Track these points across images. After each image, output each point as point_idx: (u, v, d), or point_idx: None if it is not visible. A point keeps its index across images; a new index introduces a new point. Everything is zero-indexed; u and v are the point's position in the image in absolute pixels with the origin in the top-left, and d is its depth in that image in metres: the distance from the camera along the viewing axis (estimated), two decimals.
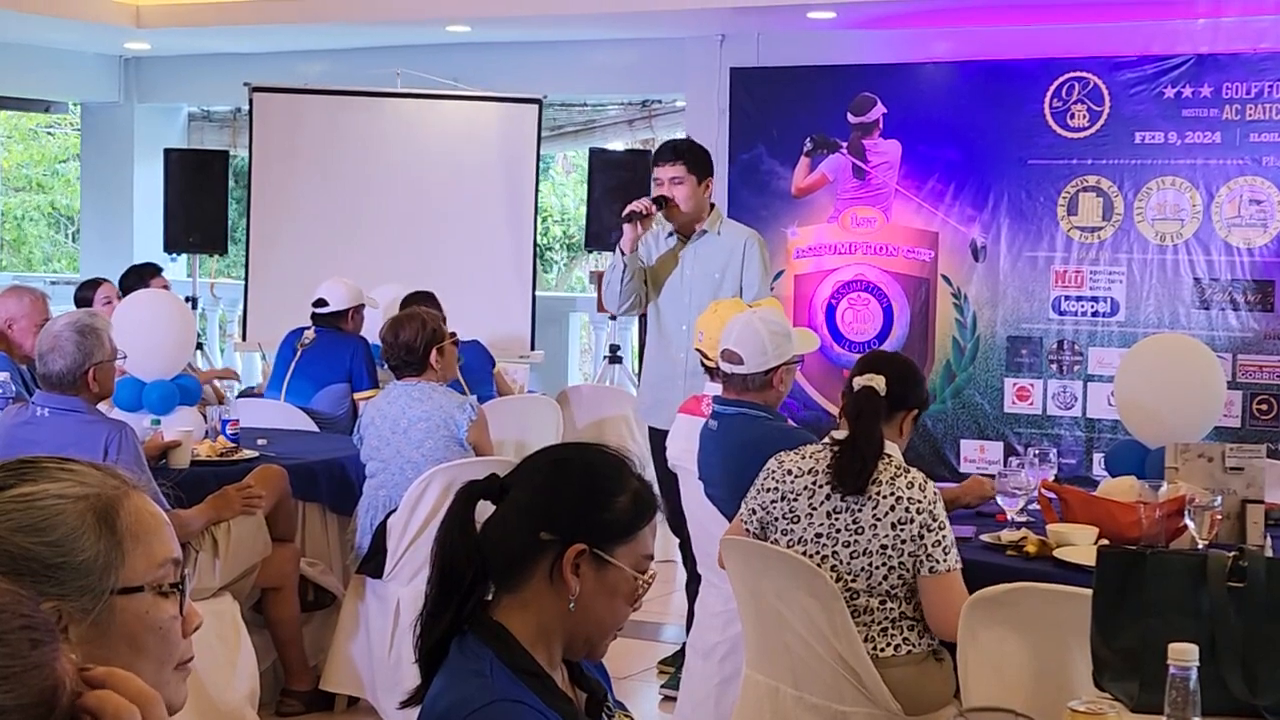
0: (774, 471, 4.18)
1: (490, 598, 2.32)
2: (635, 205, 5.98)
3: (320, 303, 7.47)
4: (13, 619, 1.34)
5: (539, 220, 10.91)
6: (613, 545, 2.30)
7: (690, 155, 6.05)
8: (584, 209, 10.30)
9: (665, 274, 6.11)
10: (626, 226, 5.99)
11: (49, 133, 18.78)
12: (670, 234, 6.11)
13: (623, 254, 6.01)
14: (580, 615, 2.28)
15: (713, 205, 6.20)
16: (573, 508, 2.30)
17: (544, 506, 2.30)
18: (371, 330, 7.62)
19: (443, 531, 2.33)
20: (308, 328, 7.47)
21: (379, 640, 5.54)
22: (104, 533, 1.73)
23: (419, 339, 5.78)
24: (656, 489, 2.45)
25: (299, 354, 7.34)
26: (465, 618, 2.27)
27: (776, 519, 4.14)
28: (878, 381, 4.11)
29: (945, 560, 3.96)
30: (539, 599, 2.27)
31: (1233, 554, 2.85)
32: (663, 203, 5.99)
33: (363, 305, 7.59)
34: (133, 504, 1.78)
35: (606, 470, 2.36)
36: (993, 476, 4.90)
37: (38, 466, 1.77)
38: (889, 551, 3.98)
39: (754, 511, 4.21)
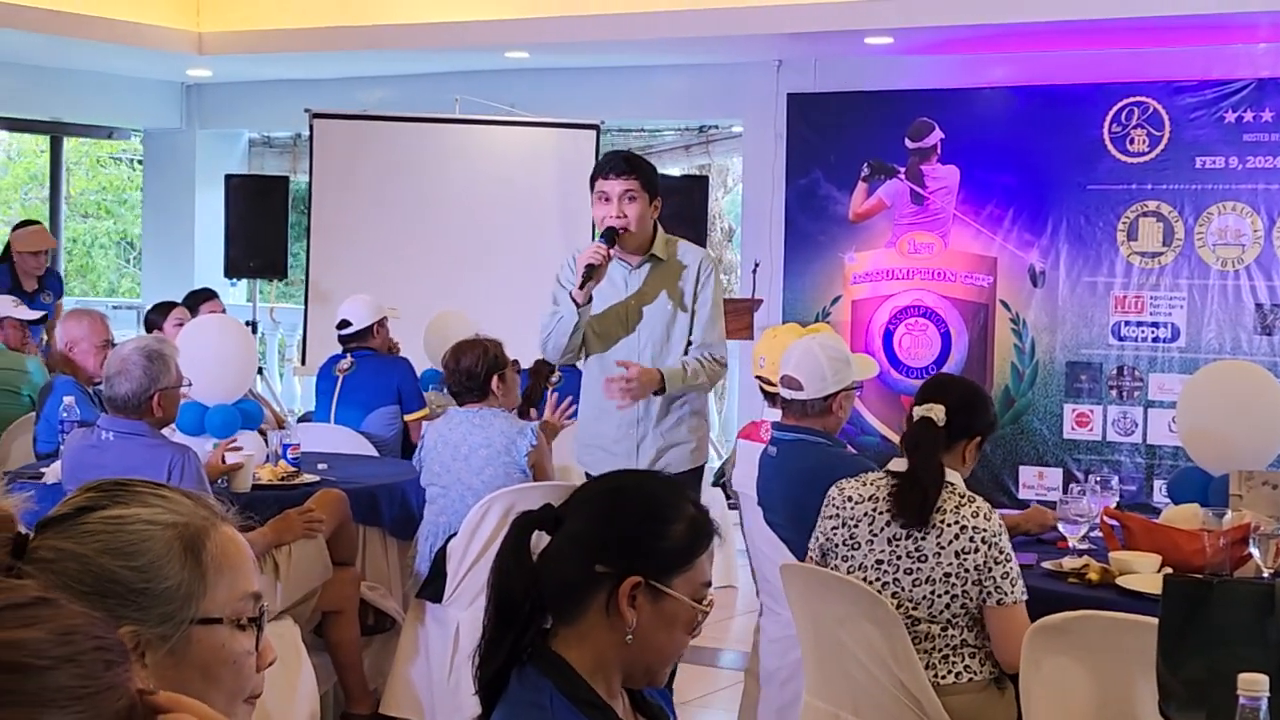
0: (834, 498, 4.17)
1: (548, 627, 2.29)
2: (591, 257, 5.16)
3: (344, 324, 7.51)
4: (87, 640, 1.36)
5: None
6: (670, 576, 2.25)
7: (643, 169, 5.32)
8: None
9: (608, 307, 5.34)
10: (580, 282, 5.21)
11: (116, 160, 18.97)
12: (609, 259, 5.22)
13: (575, 305, 5.23)
14: (638, 647, 2.24)
15: (656, 226, 5.39)
16: (628, 539, 2.26)
17: (599, 538, 2.26)
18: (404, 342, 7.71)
19: (499, 563, 2.29)
20: (341, 356, 7.49)
21: (439, 664, 5.56)
22: (189, 562, 1.74)
23: (480, 365, 5.80)
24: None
25: (340, 380, 7.36)
26: (524, 648, 2.24)
27: (837, 545, 4.14)
28: (936, 411, 4.09)
29: (1012, 592, 3.94)
30: (595, 631, 2.24)
31: None
32: (613, 237, 5.21)
33: (385, 318, 7.62)
34: (220, 535, 1.79)
35: (662, 498, 2.32)
36: (1054, 504, 4.87)
37: (131, 490, 1.78)
38: (952, 579, 3.96)
39: (816, 539, 4.21)
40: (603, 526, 2.28)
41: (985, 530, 3.96)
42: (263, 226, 10.55)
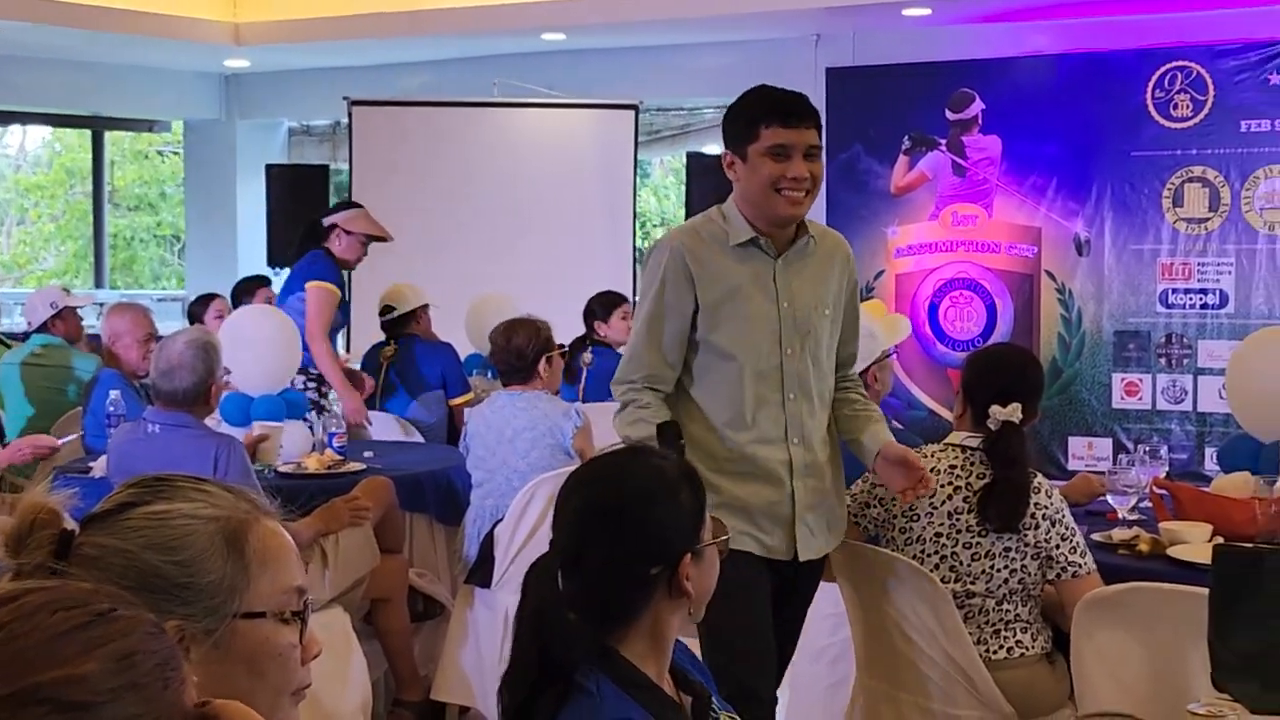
0: None
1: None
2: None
3: (386, 310, 7.52)
4: (146, 660, 1.36)
5: (639, 225, 10.92)
6: (700, 535, 2.34)
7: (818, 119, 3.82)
8: (683, 213, 10.29)
9: (752, 320, 3.81)
10: None
11: (160, 154, 19.07)
12: (746, 242, 3.80)
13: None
14: (697, 604, 2.35)
15: None
16: (660, 533, 2.30)
17: (634, 550, 2.29)
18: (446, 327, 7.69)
19: (535, 623, 2.26)
20: (385, 343, 7.50)
21: (489, 649, 5.56)
22: (232, 556, 1.75)
23: (531, 345, 5.79)
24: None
25: (385, 367, 7.37)
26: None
27: (895, 517, 4.13)
28: (1015, 412, 4.06)
29: (1085, 563, 3.97)
30: (658, 618, 2.30)
31: None
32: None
33: (427, 305, 7.63)
34: (262, 529, 1.80)
35: (657, 478, 2.35)
36: (1102, 474, 4.83)
37: (173, 485, 1.79)
38: (1012, 554, 3.96)
39: (866, 507, 4.19)
40: (630, 540, 2.30)
41: (1048, 507, 3.95)
42: (304, 215, 10.52)
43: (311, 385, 6.98)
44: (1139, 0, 8.47)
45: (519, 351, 5.79)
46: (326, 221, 7.26)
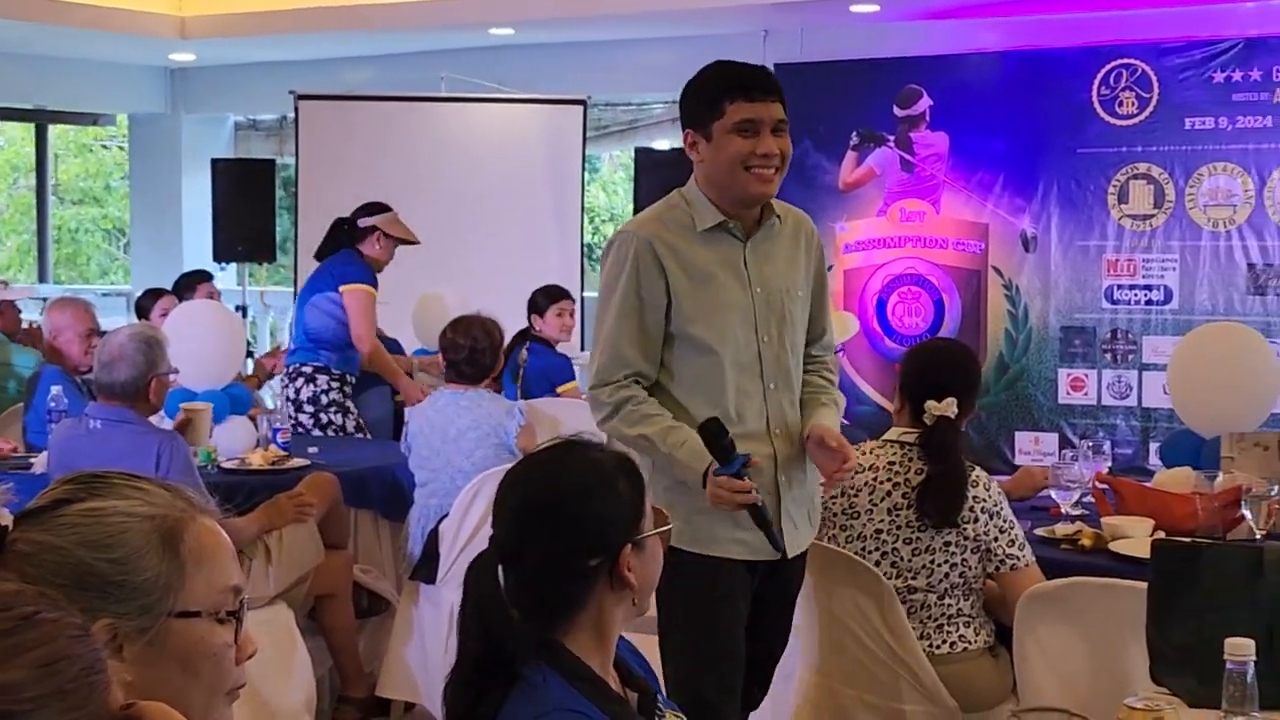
0: None
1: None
2: (750, 497, 3.42)
3: None
4: (73, 664, 1.35)
5: (588, 220, 10.90)
6: (641, 524, 2.32)
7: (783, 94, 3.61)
8: (631, 208, 10.28)
9: (724, 303, 3.63)
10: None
11: (104, 147, 18.93)
12: (714, 227, 3.61)
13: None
14: (641, 595, 2.32)
15: None
16: (598, 525, 2.28)
17: (572, 543, 2.27)
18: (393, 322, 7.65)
19: (477, 617, 2.25)
20: None
21: (434, 645, 5.54)
22: (167, 554, 1.73)
23: (487, 345, 5.76)
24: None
25: None
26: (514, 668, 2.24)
27: (835, 514, 4.13)
28: (950, 407, 4.07)
29: (1024, 555, 3.99)
30: (601, 611, 2.28)
31: None
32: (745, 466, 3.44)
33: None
34: (199, 527, 1.79)
35: (593, 470, 2.32)
36: (1046, 467, 4.86)
37: (108, 482, 1.78)
38: (952, 548, 3.97)
39: None
40: (569, 533, 2.27)
41: (986, 500, 3.97)
42: (250, 210, 10.53)
43: (335, 385, 6.95)
44: None
45: (477, 351, 5.75)
46: (365, 223, 7.18)
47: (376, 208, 7.28)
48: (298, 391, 6.92)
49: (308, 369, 6.93)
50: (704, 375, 3.59)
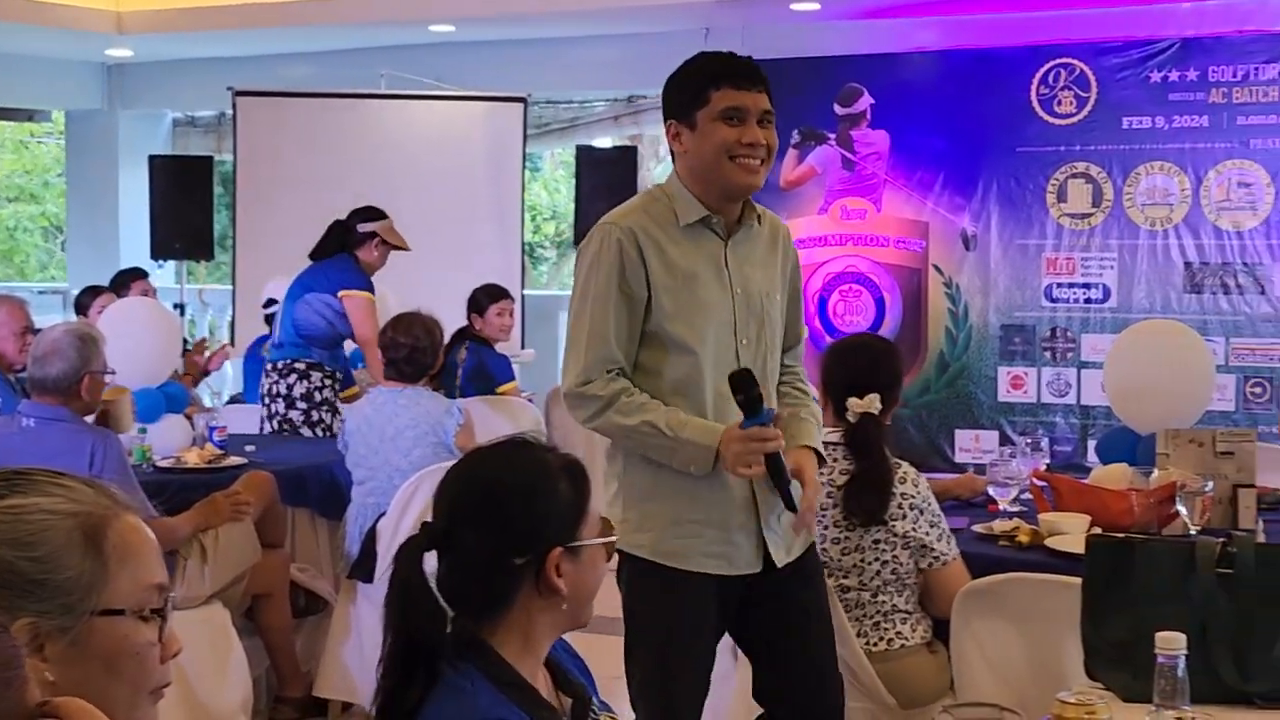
0: None
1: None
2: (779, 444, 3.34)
3: (270, 303, 7.45)
4: None
5: (530, 218, 10.87)
6: (577, 530, 2.27)
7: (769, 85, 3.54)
8: (573, 206, 10.27)
9: (705, 302, 3.48)
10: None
11: (41, 143, 18.77)
12: (697, 222, 3.49)
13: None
14: (573, 603, 2.26)
15: None
16: (531, 524, 2.24)
17: (503, 538, 2.23)
18: None
19: (398, 600, 2.20)
20: (268, 336, 7.44)
21: (371, 645, 5.50)
22: (90, 552, 1.71)
23: (428, 344, 5.73)
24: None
25: (268, 360, 7.31)
26: (440, 664, 2.20)
27: None
28: (874, 403, 4.07)
29: (950, 550, 4.01)
30: (528, 614, 2.24)
31: (1221, 540, 2.82)
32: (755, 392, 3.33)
33: None
34: (122, 525, 1.76)
35: (535, 468, 2.29)
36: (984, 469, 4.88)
37: (29, 479, 1.75)
38: (882, 545, 3.97)
39: None
40: (501, 526, 2.24)
41: (914, 496, 3.97)
42: (188, 207, 10.47)
43: (328, 384, 6.93)
44: None
45: (419, 350, 5.72)
46: (365, 228, 7.24)
47: (375, 214, 7.33)
48: (290, 387, 6.89)
49: (301, 365, 6.93)
50: (683, 376, 3.44)
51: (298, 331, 6.96)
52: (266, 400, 6.96)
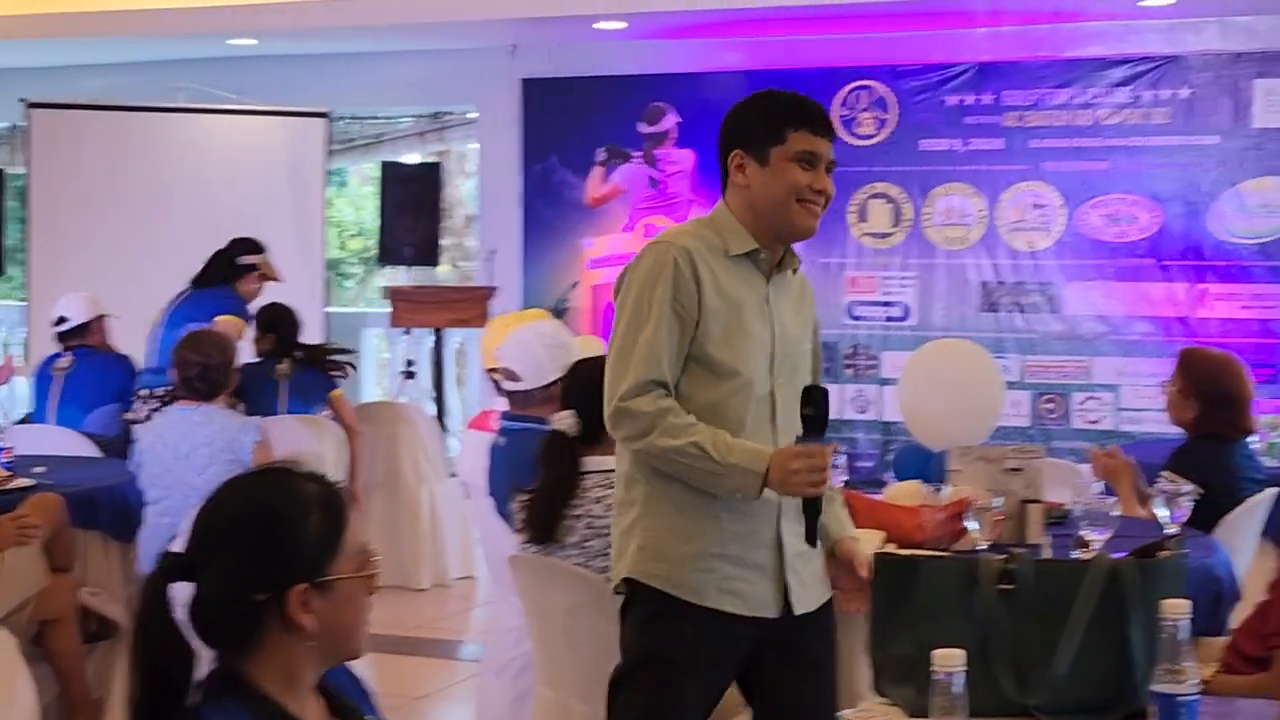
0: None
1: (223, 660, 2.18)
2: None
3: (60, 320, 7.30)
4: None
5: (336, 234, 10.75)
6: (328, 565, 2.17)
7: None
8: (379, 223, 10.17)
9: (748, 339, 3.42)
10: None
11: None
12: (745, 255, 3.43)
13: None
14: (329, 640, 2.18)
15: None
16: (272, 559, 2.15)
17: (244, 572, 2.13)
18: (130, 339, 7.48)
19: (143, 631, 2.13)
20: (59, 355, 7.27)
21: None
22: None
23: (220, 361, 5.64)
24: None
25: (58, 379, 7.14)
26: (195, 696, 2.12)
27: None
28: (568, 422, 4.09)
29: None
30: (279, 650, 2.15)
31: (1003, 557, 2.87)
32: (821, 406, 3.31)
33: (104, 315, 7.42)
34: None
35: (283, 500, 2.20)
36: None
37: None
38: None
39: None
40: (242, 559, 2.14)
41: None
42: None
43: (154, 404, 6.79)
44: (826, 21, 8.68)
45: (211, 367, 5.63)
46: (245, 261, 7.52)
47: (254, 246, 7.60)
48: (150, 414, 6.71)
49: (161, 392, 6.78)
50: (721, 401, 3.35)
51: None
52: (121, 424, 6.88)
